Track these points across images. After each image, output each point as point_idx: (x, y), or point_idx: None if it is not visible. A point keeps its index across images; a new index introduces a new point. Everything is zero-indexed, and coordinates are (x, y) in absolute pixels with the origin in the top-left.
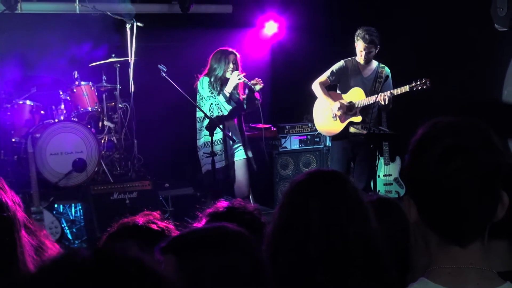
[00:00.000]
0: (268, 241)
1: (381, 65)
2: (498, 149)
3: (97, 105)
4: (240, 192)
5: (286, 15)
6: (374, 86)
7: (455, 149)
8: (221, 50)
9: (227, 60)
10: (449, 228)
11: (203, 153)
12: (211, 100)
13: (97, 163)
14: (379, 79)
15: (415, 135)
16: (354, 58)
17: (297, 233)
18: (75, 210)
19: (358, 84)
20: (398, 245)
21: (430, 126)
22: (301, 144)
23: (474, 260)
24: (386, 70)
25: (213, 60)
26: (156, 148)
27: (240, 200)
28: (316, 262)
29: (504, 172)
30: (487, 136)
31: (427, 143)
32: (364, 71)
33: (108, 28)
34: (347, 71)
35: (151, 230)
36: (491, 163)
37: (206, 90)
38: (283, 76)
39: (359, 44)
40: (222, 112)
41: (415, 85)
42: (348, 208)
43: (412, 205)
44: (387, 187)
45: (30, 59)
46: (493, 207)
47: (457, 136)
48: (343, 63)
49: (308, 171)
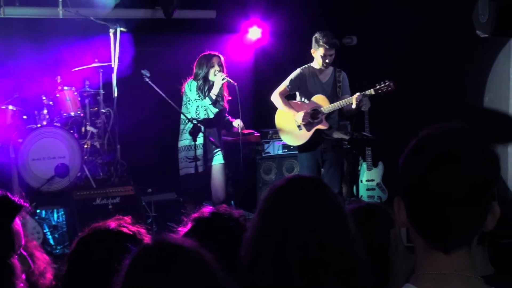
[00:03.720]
0: (247, 247)
1: (337, 69)
2: (492, 160)
3: (80, 110)
4: (216, 197)
5: (269, 20)
6: (335, 90)
7: (446, 156)
8: (205, 55)
9: (210, 63)
10: (434, 233)
11: (185, 157)
12: (197, 102)
13: (80, 168)
14: (338, 83)
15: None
16: (310, 65)
17: (275, 239)
18: (58, 215)
19: (317, 90)
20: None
21: (429, 130)
22: (284, 149)
23: (459, 267)
24: (343, 74)
25: (198, 64)
26: (139, 153)
27: (226, 206)
28: (294, 268)
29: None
30: (482, 146)
31: (421, 147)
32: (322, 77)
33: (91, 33)
34: (305, 79)
35: (122, 234)
36: (481, 174)
37: (194, 92)
38: (266, 81)
39: (320, 50)
40: (208, 115)
41: (380, 87)
42: (326, 214)
43: (401, 207)
44: (369, 192)
45: (12, 64)
46: (481, 217)
47: (451, 143)
48: (300, 71)
49: (287, 176)
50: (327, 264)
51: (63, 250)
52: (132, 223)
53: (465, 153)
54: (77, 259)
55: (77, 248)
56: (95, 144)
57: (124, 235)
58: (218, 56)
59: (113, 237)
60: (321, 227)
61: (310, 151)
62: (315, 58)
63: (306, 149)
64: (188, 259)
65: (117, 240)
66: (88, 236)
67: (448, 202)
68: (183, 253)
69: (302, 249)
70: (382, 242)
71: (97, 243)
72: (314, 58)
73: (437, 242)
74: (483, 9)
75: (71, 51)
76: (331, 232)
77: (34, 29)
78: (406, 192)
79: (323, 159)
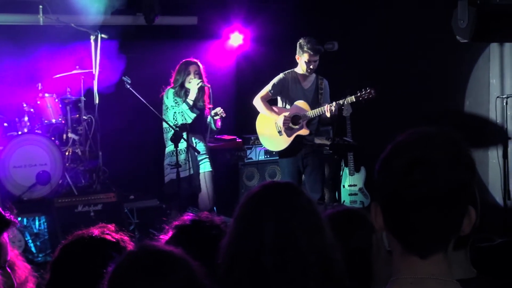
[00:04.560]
0: (223, 253)
1: (319, 77)
2: (467, 164)
3: (61, 117)
4: (203, 204)
5: (251, 26)
6: (317, 97)
7: (420, 161)
8: (184, 61)
9: (187, 70)
10: (411, 238)
11: (169, 163)
12: (174, 109)
13: (61, 176)
14: (320, 90)
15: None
16: (293, 70)
17: (251, 245)
18: (39, 223)
19: (299, 96)
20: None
21: (404, 135)
22: (267, 155)
23: (435, 271)
24: (325, 82)
25: (176, 71)
26: (121, 160)
27: (207, 213)
28: (271, 274)
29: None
30: (458, 151)
31: (396, 152)
32: (304, 83)
33: (72, 40)
34: (287, 84)
35: (105, 242)
36: (455, 179)
37: (171, 100)
38: (248, 87)
39: (305, 56)
40: (186, 120)
41: (360, 94)
42: (301, 220)
43: (378, 212)
44: (352, 197)
45: None
46: (456, 222)
47: (425, 148)
48: (282, 76)
49: (263, 183)
50: (304, 269)
51: (45, 258)
52: (116, 230)
53: (440, 157)
54: (60, 267)
55: (60, 256)
56: (76, 151)
57: (107, 242)
58: (196, 64)
59: (97, 245)
60: (297, 233)
61: (291, 156)
62: (299, 64)
63: (287, 155)
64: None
65: (100, 247)
66: (71, 244)
67: (424, 207)
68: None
69: (278, 255)
70: (361, 247)
71: (80, 250)
72: (297, 63)
73: (413, 246)
74: (463, 14)
75: (52, 58)
76: (306, 237)
77: (15, 36)
78: (382, 197)
79: (304, 165)
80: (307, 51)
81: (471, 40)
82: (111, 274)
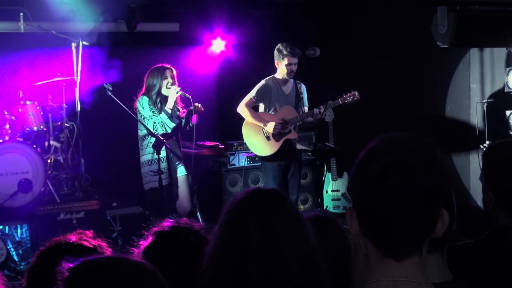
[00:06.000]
0: (208, 260)
1: (297, 81)
2: (440, 169)
3: (43, 125)
4: (182, 208)
5: (233, 33)
6: (298, 102)
7: (393, 166)
8: (156, 67)
9: (163, 76)
10: (386, 242)
11: (149, 171)
12: (153, 119)
13: (43, 183)
14: (300, 94)
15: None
16: (273, 76)
17: (235, 252)
18: (21, 231)
19: (282, 101)
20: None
21: (376, 140)
22: (250, 161)
23: (410, 274)
24: (303, 86)
25: (149, 77)
26: (104, 167)
27: (187, 219)
28: (255, 281)
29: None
30: (430, 155)
31: (370, 157)
32: (284, 88)
33: (54, 47)
34: (270, 90)
35: (83, 248)
36: (429, 182)
37: (147, 109)
38: (230, 93)
39: (285, 60)
40: (166, 130)
41: (345, 97)
42: (286, 226)
43: (353, 217)
44: (335, 202)
45: None
46: (430, 225)
47: (398, 153)
48: (264, 83)
49: (248, 189)
50: (289, 276)
51: (28, 266)
52: (93, 237)
53: (413, 162)
54: (36, 273)
55: (36, 263)
56: (58, 158)
57: (84, 249)
58: (171, 69)
59: (73, 251)
60: (281, 240)
61: (276, 161)
62: (279, 69)
63: (273, 159)
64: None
65: (77, 254)
66: (48, 250)
67: (398, 210)
68: (137, 270)
69: (263, 262)
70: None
71: (57, 257)
72: (277, 69)
73: (388, 250)
74: (442, 20)
75: (33, 65)
76: (292, 244)
77: None
78: (358, 202)
79: (286, 169)
80: (287, 54)
81: (451, 45)
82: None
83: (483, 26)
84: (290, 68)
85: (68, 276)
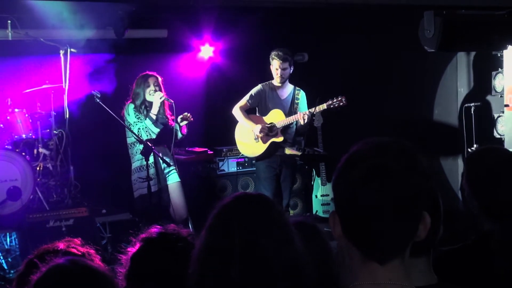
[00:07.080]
0: (194, 262)
1: (297, 88)
2: (422, 172)
3: (31, 132)
4: (178, 215)
5: (221, 39)
6: (292, 107)
7: (376, 170)
8: (141, 75)
9: (147, 83)
10: (368, 245)
11: (138, 178)
12: (138, 125)
13: (32, 191)
14: (296, 100)
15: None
16: (270, 82)
17: (220, 257)
18: (10, 239)
19: (276, 106)
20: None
21: (358, 145)
22: (239, 167)
23: (393, 277)
24: (302, 93)
25: (135, 86)
26: (93, 174)
27: (174, 225)
28: (239, 285)
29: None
30: (412, 159)
31: (352, 162)
32: (281, 93)
33: (42, 54)
34: (264, 94)
35: (71, 255)
36: (410, 186)
37: (132, 116)
38: (219, 99)
39: (274, 63)
40: (150, 136)
41: (332, 102)
42: (272, 232)
43: (336, 221)
44: (324, 207)
45: None
46: (412, 228)
47: (380, 158)
48: (260, 87)
49: (234, 194)
50: (273, 282)
51: (16, 274)
52: (82, 244)
53: (396, 166)
54: (25, 281)
55: (25, 270)
56: (47, 166)
57: (73, 256)
58: (155, 77)
59: None
60: (266, 245)
61: (268, 163)
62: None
63: (262, 159)
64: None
65: None
66: (36, 258)
67: (380, 214)
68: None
69: (247, 266)
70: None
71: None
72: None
73: (371, 253)
74: (429, 24)
75: (21, 73)
76: (275, 250)
77: None
78: (341, 206)
79: (279, 172)
80: (274, 58)
81: (437, 49)
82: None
83: (469, 30)
84: (278, 72)
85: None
